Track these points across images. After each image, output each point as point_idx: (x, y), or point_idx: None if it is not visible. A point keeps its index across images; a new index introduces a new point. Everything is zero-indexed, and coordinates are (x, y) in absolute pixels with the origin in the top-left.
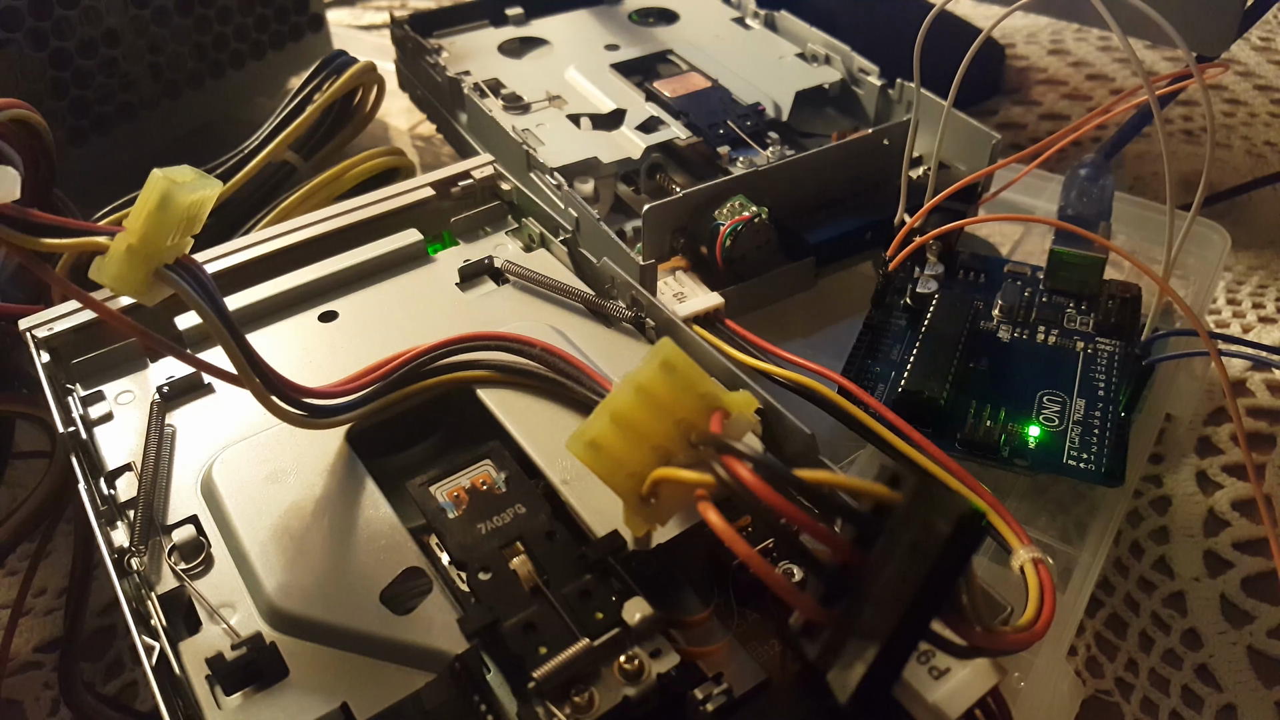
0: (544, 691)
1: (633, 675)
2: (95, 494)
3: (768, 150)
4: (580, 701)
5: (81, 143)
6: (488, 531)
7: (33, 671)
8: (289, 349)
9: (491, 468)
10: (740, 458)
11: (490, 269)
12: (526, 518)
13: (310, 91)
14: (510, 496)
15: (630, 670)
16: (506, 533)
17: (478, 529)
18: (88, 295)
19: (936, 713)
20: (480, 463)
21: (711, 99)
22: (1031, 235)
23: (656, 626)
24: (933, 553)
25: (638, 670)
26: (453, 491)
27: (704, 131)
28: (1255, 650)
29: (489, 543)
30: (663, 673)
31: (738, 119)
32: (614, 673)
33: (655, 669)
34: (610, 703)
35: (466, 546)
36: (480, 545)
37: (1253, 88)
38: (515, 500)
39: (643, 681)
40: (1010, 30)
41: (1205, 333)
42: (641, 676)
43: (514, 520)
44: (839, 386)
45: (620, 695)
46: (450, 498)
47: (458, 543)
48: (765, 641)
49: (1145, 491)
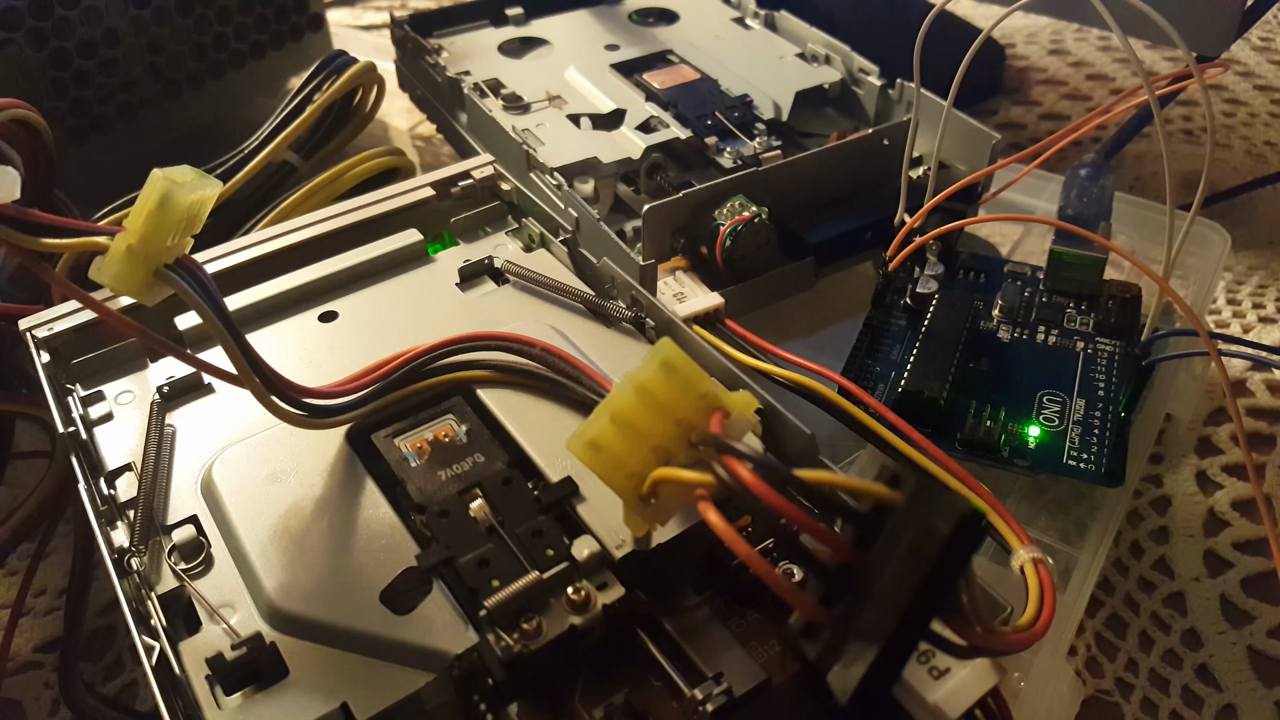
0: (494, 619)
1: (579, 605)
2: (95, 494)
3: (755, 141)
4: (529, 628)
5: (81, 143)
6: (448, 478)
7: (33, 671)
8: (289, 349)
9: (454, 421)
10: (740, 458)
11: (490, 269)
12: (485, 465)
13: (310, 91)
14: (470, 447)
15: (577, 601)
16: (465, 478)
17: (438, 475)
18: (88, 295)
19: (936, 713)
20: (443, 417)
21: (700, 90)
22: (1031, 235)
23: (604, 563)
24: (933, 553)
25: (584, 601)
26: (416, 443)
27: (692, 122)
28: (1255, 650)
29: (448, 488)
30: (608, 604)
31: (725, 110)
32: (562, 604)
33: (601, 600)
34: (557, 630)
35: (427, 491)
36: (440, 490)
37: (1253, 88)
38: (475, 450)
39: (589, 610)
40: (1010, 30)
41: (1205, 333)
42: (588, 606)
43: (473, 467)
44: (839, 386)
45: (567, 623)
46: (413, 448)
47: (418, 488)
48: (765, 641)
49: (1145, 491)
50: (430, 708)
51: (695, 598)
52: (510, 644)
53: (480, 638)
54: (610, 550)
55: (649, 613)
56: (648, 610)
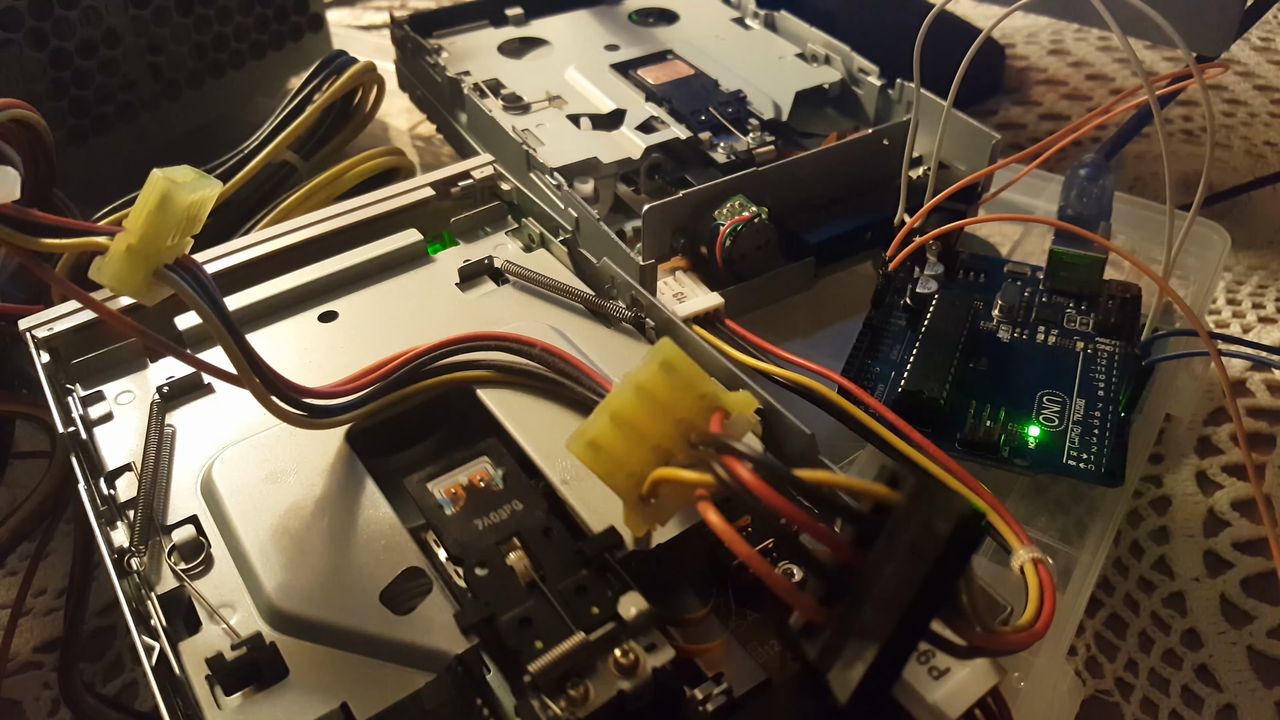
0: (539, 685)
1: (628, 669)
2: (95, 494)
3: (749, 136)
4: (575, 695)
5: (81, 143)
6: (485, 527)
7: (33, 671)
8: (289, 349)
9: (489, 464)
10: (740, 458)
11: (490, 269)
12: (523, 514)
13: (310, 91)
14: (507, 493)
15: (625, 664)
16: (503, 529)
17: (475, 525)
18: (88, 295)
19: (936, 713)
20: (478, 459)
21: (694, 85)
22: (1031, 235)
23: (652, 621)
24: (933, 553)
25: (633, 664)
26: (450, 488)
27: (686, 118)
28: (1255, 650)
29: (486, 538)
30: (658, 667)
31: (719, 105)
32: (609, 667)
33: (650, 663)
34: (605, 696)
35: (464, 543)
36: (477, 541)
37: (1253, 88)
38: (512, 497)
39: (638, 675)
40: (1010, 30)
41: (1205, 333)
42: (636, 670)
43: (511, 516)
44: (839, 386)
45: (615, 689)
46: (448, 494)
47: (455, 539)
48: (765, 641)
49: (1145, 491)
50: (430, 708)
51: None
52: (557, 713)
53: (522, 703)
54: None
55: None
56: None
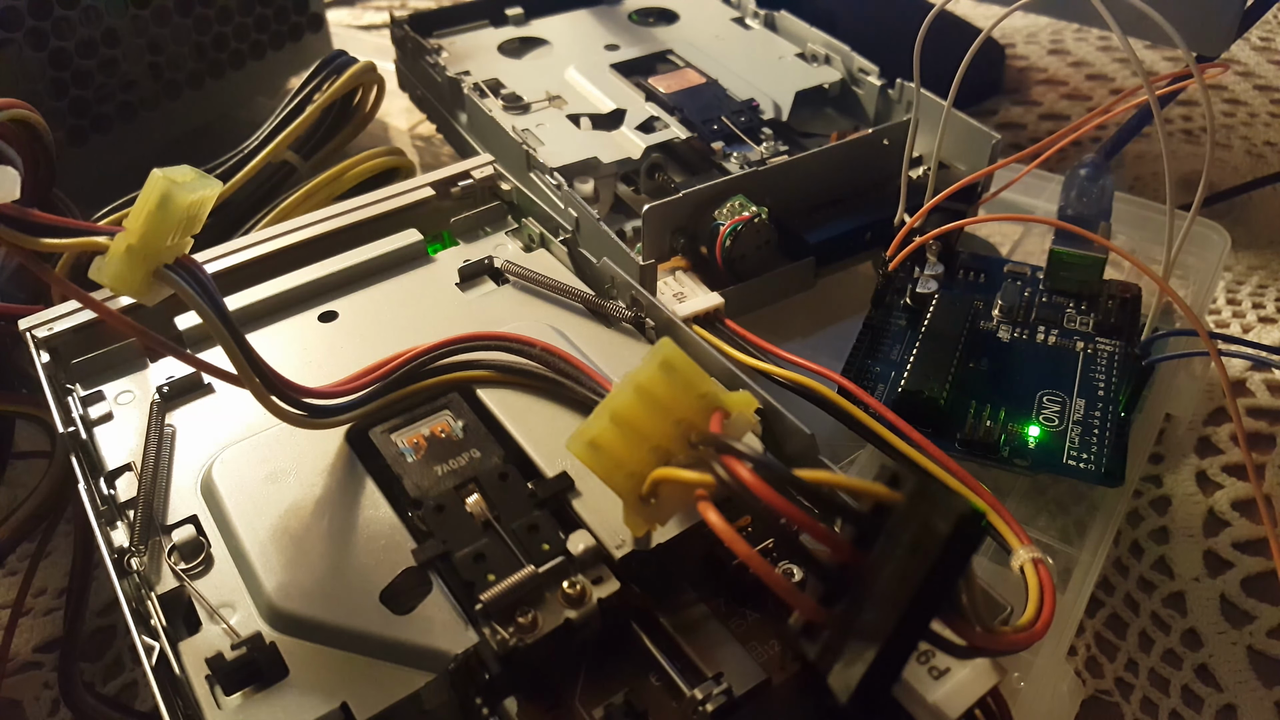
0: (490, 613)
1: (575, 599)
2: (95, 494)
3: (762, 146)
4: (524, 622)
5: (81, 143)
6: (444, 473)
7: (33, 671)
8: (289, 349)
9: (450, 417)
10: (740, 458)
11: (490, 269)
12: (481, 460)
13: (310, 91)
14: (466, 442)
15: (573, 595)
16: (462, 474)
17: (434, 470)
18: (88, 295)
19: (936, 713)
20: (439, 413)
21: (706, 95)
22: (1031, 235)
23: (599, 558)
24: (933, 553)
25: (580, 595)
26: (412, 438)
27: (698, 127)
28: (1255, 650)
29: (445, 483)
30: (604, 597)
31: (732, 115)
32: (557, 598)
33: (597, 594)
34: (553, 623)
35: (423, 486)
36: (436, 485)
37: (1253, 88)
38: (471, 445)
39: (584, 605)
40: (1010, 30)
41: (1205, 333)
42: (583, 600)
43: (469, 463)
44: (839, 386)
45: (562, 617)
46: (410, 444)
47: (415, 483)
48: (765, 641)
49: (1145, 491)
50: (430, 708)
51: (695, 597)
52: (506, 638)
53: (477, 632)
54: (608, 547)
55: (646, 607)
56: (644, 604)
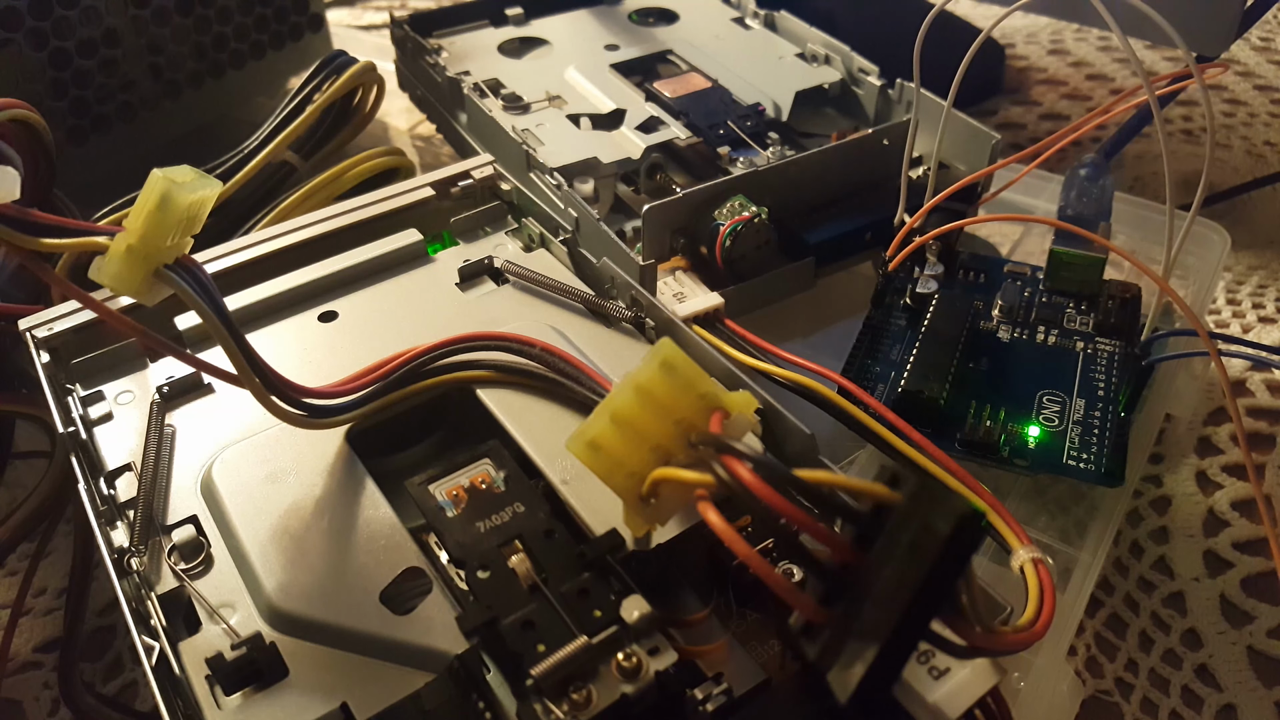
0: (542, 689)
1: (631, 673)
2: (95, 494)
3: (768, 150)
4: (578, 699)
5: (81, 143)
6: (486, 530)
7: (33, 671)
8: (289, 349)
9: (490, 467)
10: (740, 458)
11: (490, 269)
12: (525, 516)
13: (310, 91)
14: (509, 495)
15: (628, 668)
16: (505, 531)
17: (476, 527)
18: (88, 295)
19: (936, 713)
20: (479, 461)
21: (712, 99)
22: (1031, 235)
23: (654, 625)
24: (933, 553)
25: (636, 668)
26: (451, 490)
27: (704, 132)
28: (1255, 650)
29: (487, 541)
30: (661, 670)
31: (738, 119)
32: (612, 670)
33: (653, 666)
34: (608, 700)
35: (465, 545)
36: (479, 543)
37: (1253, 88)
38: (514, 499)
39: (640, 679)
40: (1010, 30)
41: (1205, 333)
42: (639, 674)
43: (513, 519)
44: (839, 386)
45: (618, 692)
46: (449, 496)
47: (456, 541)
48: (765, 641)
49: (1145, 491)
50: (430, 708)
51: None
52: (560, 716)
53: (524, 705)
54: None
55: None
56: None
